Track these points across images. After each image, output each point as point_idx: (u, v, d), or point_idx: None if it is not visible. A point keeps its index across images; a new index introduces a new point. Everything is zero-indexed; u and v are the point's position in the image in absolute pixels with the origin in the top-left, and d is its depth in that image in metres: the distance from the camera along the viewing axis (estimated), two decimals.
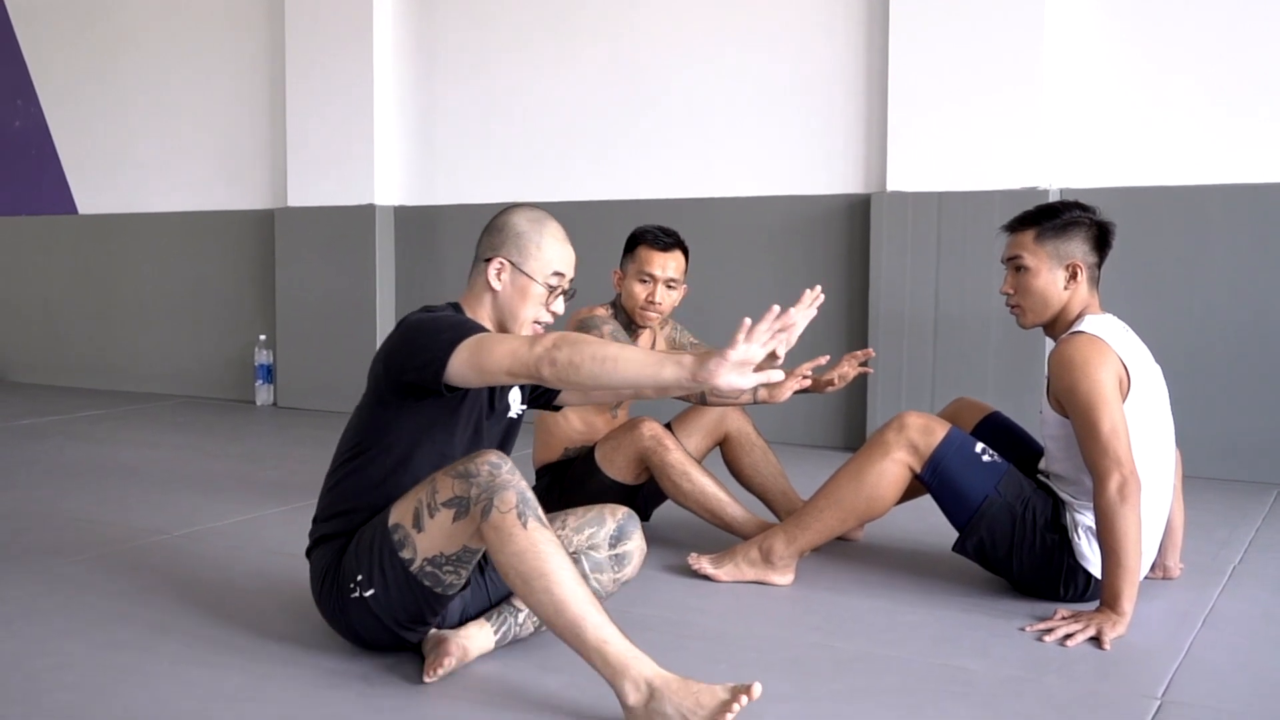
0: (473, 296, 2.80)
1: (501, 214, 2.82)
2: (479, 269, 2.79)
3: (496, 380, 2.48)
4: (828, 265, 5.68)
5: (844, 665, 2.74)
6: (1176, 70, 4.98)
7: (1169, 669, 2.71)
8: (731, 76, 5.90)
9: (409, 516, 2.55)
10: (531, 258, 2.75)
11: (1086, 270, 3.17)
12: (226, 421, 6.66)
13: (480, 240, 2.81)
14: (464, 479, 2.47)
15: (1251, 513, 4.29)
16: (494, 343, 2.46)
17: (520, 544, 2.39)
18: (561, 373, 2.34)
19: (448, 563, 2.53)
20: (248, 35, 7.33)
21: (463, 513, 2.46)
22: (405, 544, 2.54)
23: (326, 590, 2.70)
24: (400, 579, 2.56)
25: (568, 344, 2.36)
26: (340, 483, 2.74)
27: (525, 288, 2.75)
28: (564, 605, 2.36)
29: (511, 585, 2.42)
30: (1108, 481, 2.93)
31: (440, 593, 2.57)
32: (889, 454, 3.25)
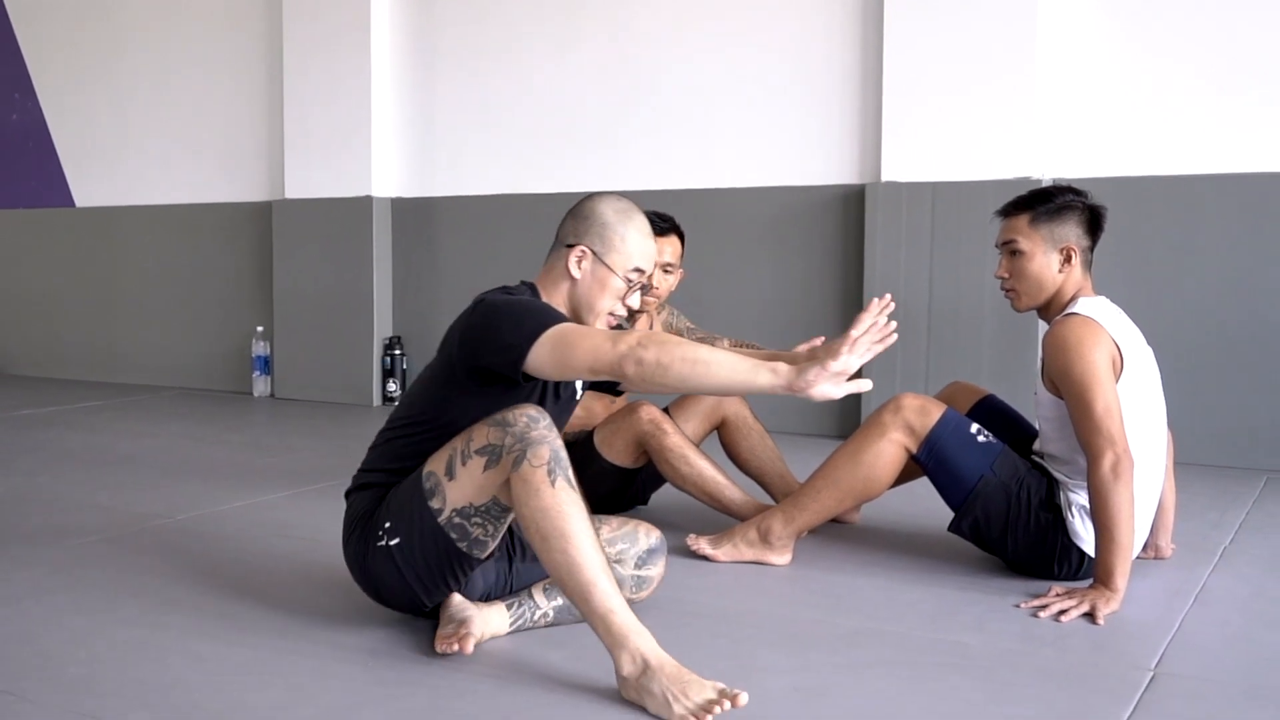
0: (549, 280, 2.78)
1: (589, 200, 2.79)
2: (559, 253, 2.77)
3: (576, 376, 2.50)
4: (823, 255, 5.73)
5: (843, 639, 2.79)
6: (1168, 60, 5.03)
7: (1162, 642, 2.76)
8: (728, 68, 5.94)
9: (442, 465, 2.56)
10: (615, 250, 2.73)
11: (1080, 254, 3.22)
12: (225, 412, 6.70)
13: (563, 224, 2.79)
14: (500, 427, 2.47)
15: (1242, 497, 4.35)
16: (577, 338, 2.46)
17: (546, 501, 2.40)
18: (648, 373, 2.35)
19: (476, 514, 2.54)
20: (245, 28, 7.36)
21: (494, 461, 2.46)
22: (436, 492, 2.55)
23: (355, 536, 2.71)
24: (428, 530, 2.57)
25: (655, 344, 2.36)
26: (391, 441, 2.75)
27: (605, 279, 2.73)
28: (578, 568, 2.38)
29: (529, 539, 2.44)
30: (1101, 460, 2.98)
31: (465, 550, 2.58)
32: (885, 434, 3.30)
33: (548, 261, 2.80)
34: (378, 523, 2.64)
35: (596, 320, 2.76)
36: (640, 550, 2.92)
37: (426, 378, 2.76)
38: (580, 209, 2.78)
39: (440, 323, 6.64)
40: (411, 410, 2.74)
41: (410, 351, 6.88)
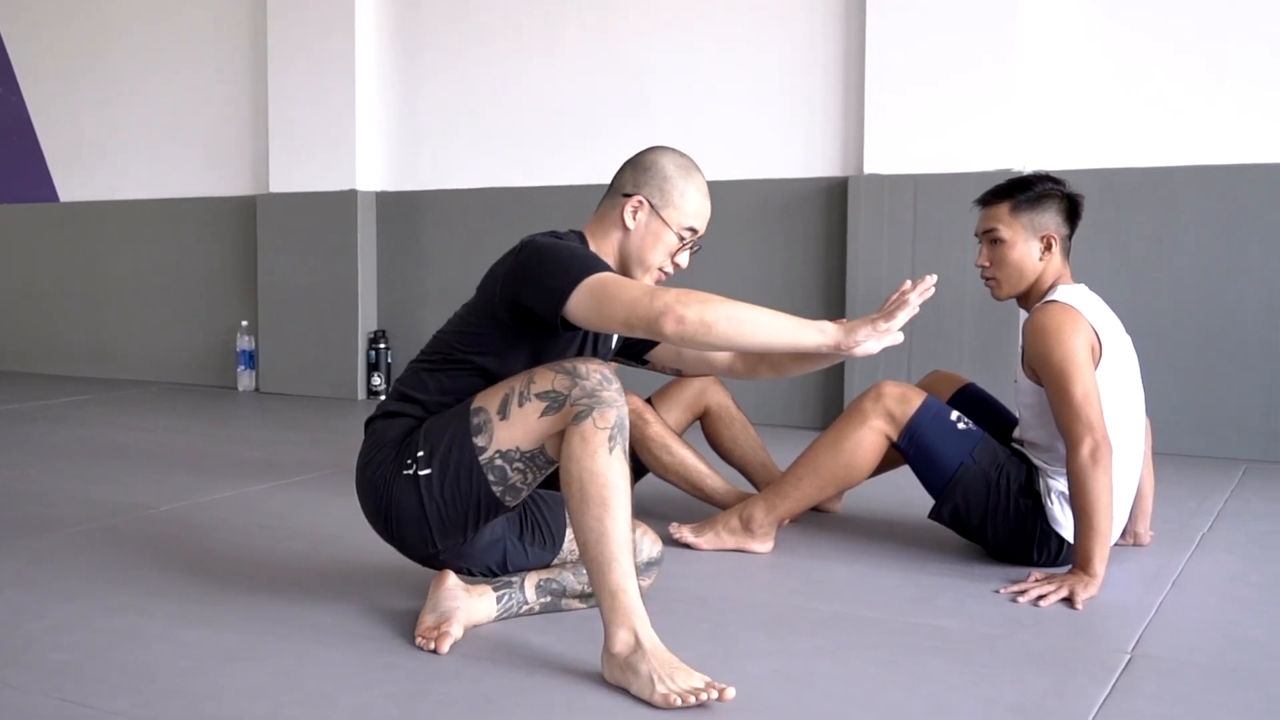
0: (600, 229, 2.73)
1: (649, 152, 2.75)
2: (614, 202, 2.72)
3: (610, 328, 2.42)
4: (806, 247, 5.75)
5: (823, 624, 2.81)
6: (1147, 53, 5.06)
7: (1139, 625, 2.78)
8: (711, 61, 5.95)
9: (495, 402, 2.48)
10: (672, 205, 2.70)
11: (1060, 241, 3.25)
12: (210, 406, 6.70)
13: (621, 173, 2.75)
14: (569, 376, 2.40)
15: (1220, 486, 4.38)
16: (617, 288, 2.39)
17: (599, 465, 2.34)
18: (689, 331, 2.30)
19: (520, 460, 2.48)
20: (230, 23, 7.35)
21: (555, 408, 2.40)
22: (483, 430, 2.48)
23: (378, 461, 2.61)
24: (465, 466, 2.50)
25: (697, 301, 2.31)
26: (423, 374, 2.67)
27: (659, 233, 2.70)
28: (608, 540, 2.35)
29: (567, 495, 2.39)
30: (1080, 446, 3.00)
31: (497, 495, 2.52)
32: (866, 422, 3.32)
33: (600, 210, 2.76)
34: (409, 450, 2.56)
35: (645, 275, 2.72)
36: (641, 560, 2.84)
37: (462, 315, 2.69)
38: (641, 160, 2.74)
39: (425, 317, 6.69)
40: (445, 346, 2.67)
41: (395, 345, 6.89)
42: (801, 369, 2.93)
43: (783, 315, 2.38)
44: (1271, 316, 4.84)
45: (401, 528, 2.63)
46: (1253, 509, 4.02)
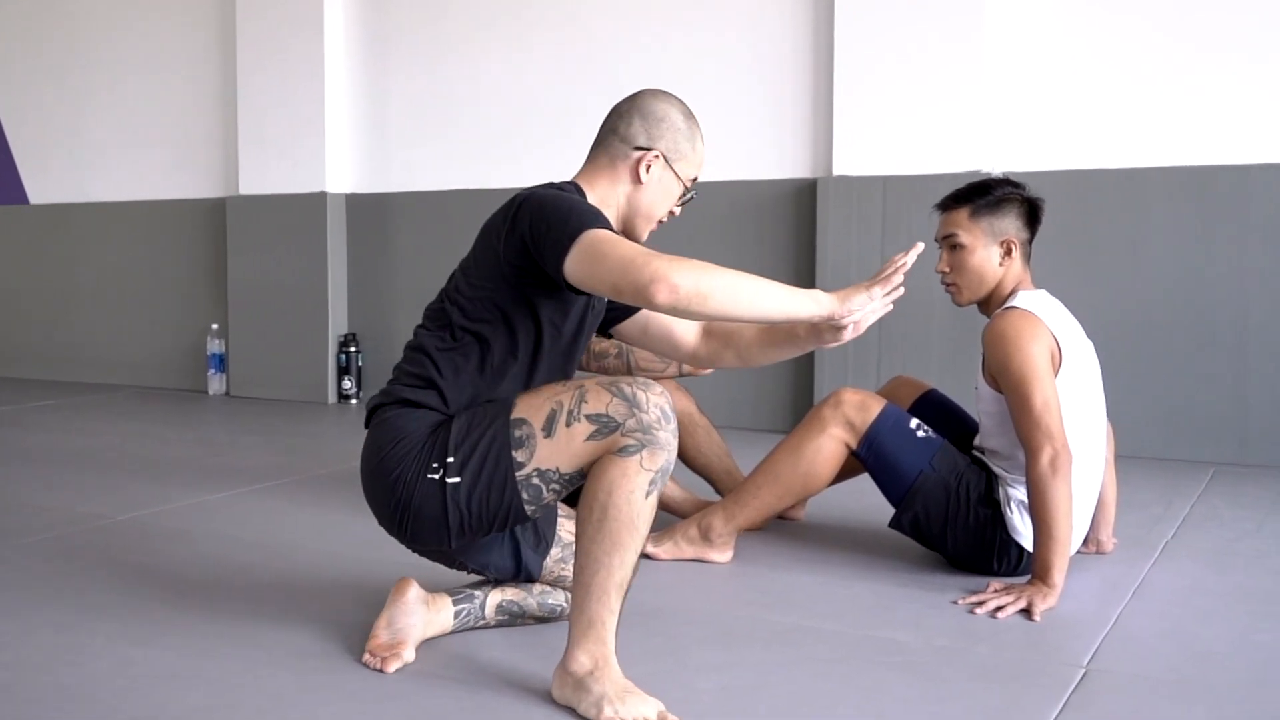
0: (604, 180, 2.59)
1: (653, 99, 2.61)
2: (621, 155, 2.57)
3: (598, 291, 2.27)
4: (776, 249, 5.72)
5: (778, 637, 2.77)
6: (1116, 55, 5.04)
7: (1096, 638, 2.75)
8: (682, 64, 5.91)
9: (541, 417, 2.32)
10: (685, 158, 2.60)
11: (1020, 246, 3.22)
12: (179, 410, 6.64)
13: (628, 123, 2.58)
14: (626, 402, 2.26)
15: (1187, 490, 4.35)
16: (610, 247, 2.24)
17: (632, 507, 2.24)
18: (683, 301, 2.16)
19: (557, 480, 2.34)
20: (200, 24, 7.29)
21: (603, 433, 2.26)
22: (525, 444, 2.32)
23: (396, 456, 2.41)
24: (499, 481, 2.34)
25: (692, 269, 2.18)
26: (435, 354, 2.48)
27: (670, 187, 2.60)
28: (610, 574, 2.27)
29: (584, 515, 2.28)
30: (1039, 455, 2.97)
31: (529, 513, 2.39)
32: (825, 430, 3.29)
33: (596, 160, 2.60)
34: (437, 452, 2.38)
35: (647, 230, 2.63)
36: None
37: (463, 278, 2.51)
38: (649, 108, 2.59)
39: (396, 320, 6.65)
40: (450, 315, 2.49)
41: (366, 348, 6.85)
42: (768, 358, 2.79)
43: (776, 284, 2.28)
44: (1242, 318, 4.81)
45: (417, 528, 2.45)
46: (1219, 514, 3.99)
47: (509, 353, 2.47)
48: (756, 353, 2.80)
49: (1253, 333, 4.80)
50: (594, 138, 2.66)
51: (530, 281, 2.41)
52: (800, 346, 2.70)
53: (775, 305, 2.28)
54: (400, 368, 2.55)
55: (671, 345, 2.87)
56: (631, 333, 2.85)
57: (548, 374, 2.53)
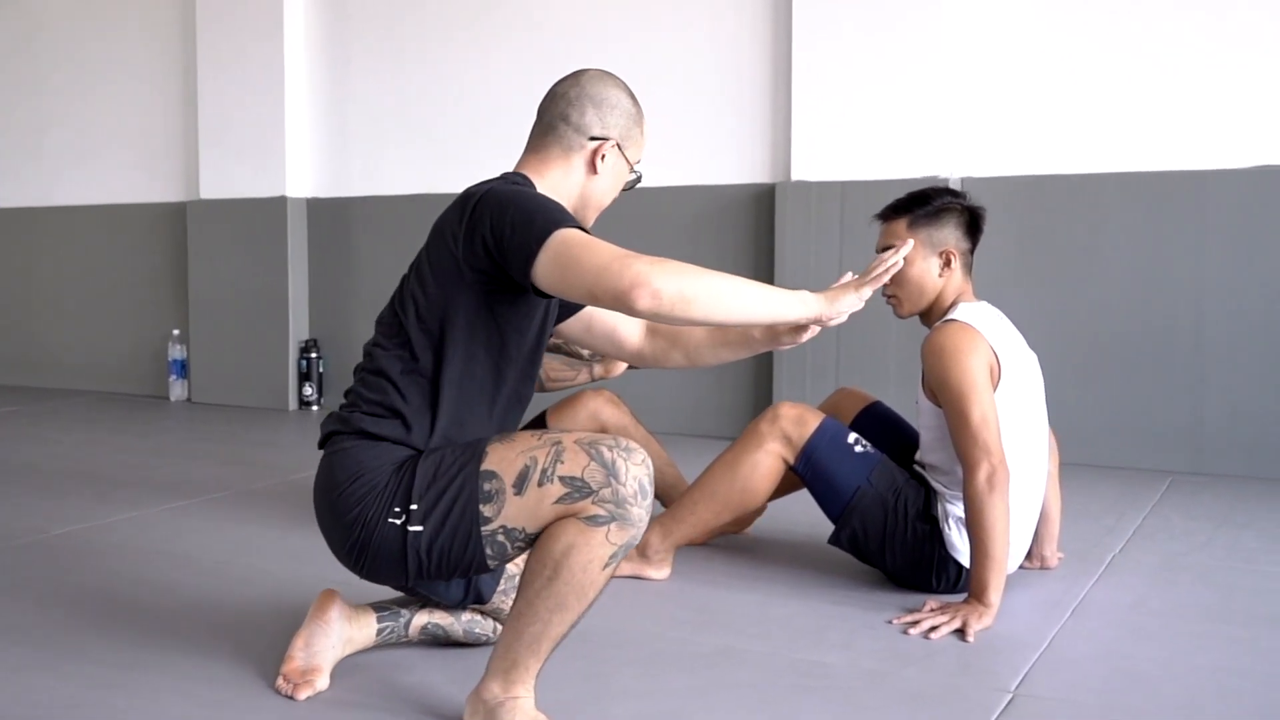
0: (554, 171, 2.44)
1: (600, 84, 2.47)
2: (577, 145, 2.43)
3: (571, 297, 2.13)
4: (736, 254, 5.66)
5: (703, 660, 2.71)
6: (1073, 61, 4.99)
7: (1028, 660, 2.69)
8: (642, 69, 5.84)
9: (513, 472, 2.17)
10: (634, 144, 2.49)
11: (960, 257, 3.16)
12: (138, 417, 6.57)
13: (583, 111, 2.43)
14: (605, 469, 2.12)
15: (1142, 500, 4.30)
16: (583, 250, 2.09)
17: (586, 576, 2.13)
18: (666, 307, 2.03)
19: (523, 540, 2.19)
20: (160, 27, 7.21)
21: (574, 498, 2.12)
22: (494, 500, 2.18)
23: (356, 494, 2.27)
24: (464, 534, 2.20)
25: (673, 272, 2.04)
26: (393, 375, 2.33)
27: (621, 175, 2.48)
28: (545, 629, 2.18)
29: (534, 568, 2.15)
30: (976, 471, 2.91)
31: (490, 567, 2.26)
32: (762, 445, 3.22)
33: (548, 151, 2.45)
34: (399, 496, 2.24)
35: (595, 217, 2.50)
36: None
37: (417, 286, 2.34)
38: (599, 94, 2.45)
39: (357, 326, 6.58)
40: (407, 331, 2.33)
41: (327, 354, 6.78)
42: (718, 358, 2.68)
43: (760, 285, 2.17)
44: (1199, 325, 4.76)
45: (373, 568, 2.32)
46: (1170, 526, 3.94)
47: (473, 363, 2.33)
48: (706, 353, 2.69)
49: (1210, 340, 4.75)
50: (536, 122, 2.51)
51: (493, 286, 2.27)
52: (753, 348, 2.60)
53: (762, 308, 2.18)
54: (357, 391, 2.38)
55: (615, 343, 2.74)
56: (575, 330, 2.73)
57: (515, 382, 2.42)
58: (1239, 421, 4.72)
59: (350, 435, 2.35)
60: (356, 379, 2.42)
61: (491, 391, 2.38)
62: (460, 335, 2.31)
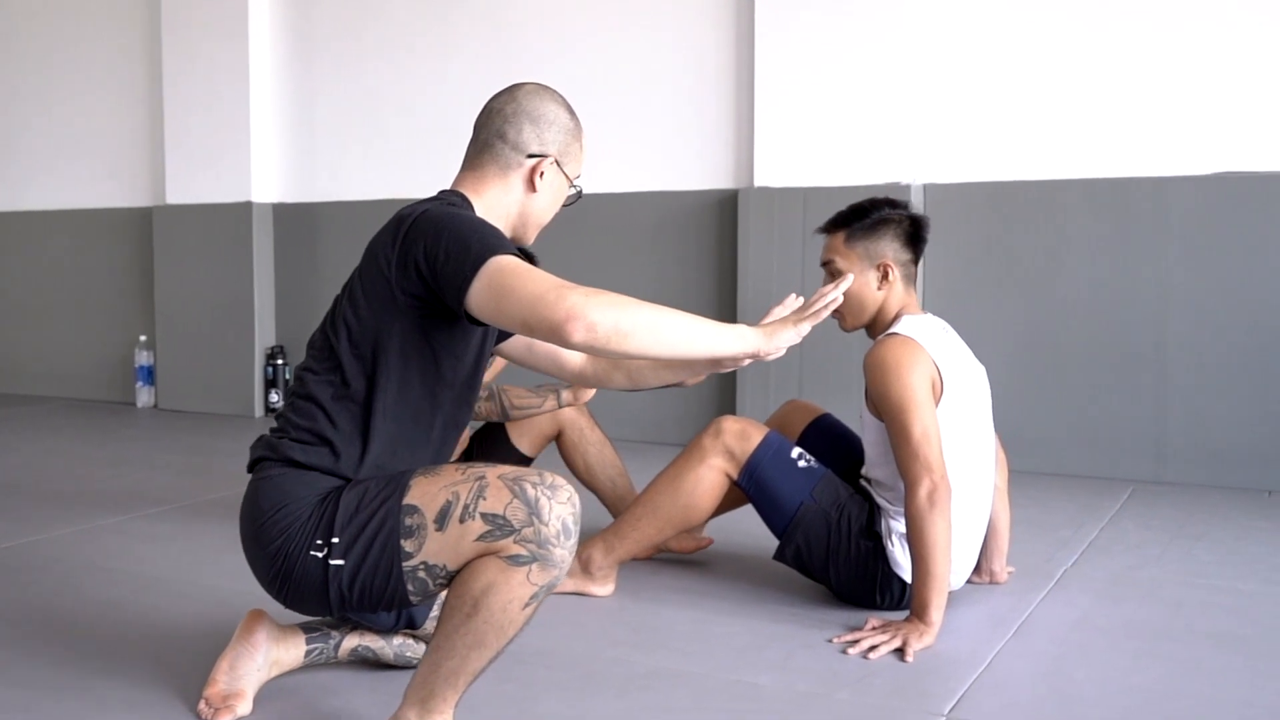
0: (492, 189, 2.38)
1: (536, 99, 2.40)
2: (515, 163, 2.37)
3: (505, 326, 2.07)
4: (699, 260, 5.62)
5: (635, 681, 2.66)
6: (1035, 68, 4.95)
7: (966, 681, 2.65)
8: (606, 74, 5.81)
9: (435, 507, 2.11)
10: (574, 157, 2.43)
11: (900, 269, 3.10)
12: (102, 425, 6.51)
13: (519, 129, 2.37)
14: (527, 508, 2.06)
15: (1101, 510, 4.26)
16: (518, 280, 2.02)
17: (506, 616, 2.08)
18: (601, 340, 1.98)
19: (444, 577, 2.14)
20: (125, 32, 7.16)
21: (495, 536, 2.06)
22: (415, 534, 2.12)
23: (279, 524, 2.22)
24: (385, 569, 2.15)
25: (609, 305, 1.99)
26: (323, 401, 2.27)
27: (560, 191, 2.42)
28: (463, 664, 2.13)
29: (452, 606, 2.11)
30: (918, 487, 2.87)
31: (413, 602, 2.21)
32: (705, 460, 3.18)
33: (484, 170, 2.39)
34: (321, 528, 2.18)
35: (536, 234, 2.45)
36: None
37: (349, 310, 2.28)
38: (536, 110, 2.38)
39: None
40: (338, 356, 2.27)
41: (293, 361, 6.72)
42: (660, 380, 2.64)
43: (701, 320, 2.11)
44: (1161, 332, 4.73)
45: (296, 599, 2.28)
46: (1127, 538, 3.90)
47: (407, 389, 2.27)
48: (649, 375, 2.65)
49: (1172, 347, 4.71)
50: (473, 139, 2.45)
51: (428, 311, 2.21)
52: (695, 371, 2.57)
53: (699, 344, 2.11)
54: (286, 417, 2.33)
55: (557, 364, 2.71)
56: (517, 350, 2.69)
57: (451, 408, 2.37)
58: (1201, 429, 4.69)
59: (277, 463, 2.30)
60: (286, 403, 2.37)
61: (427, 418, 2.34)
62: (394, 361, 2.25)
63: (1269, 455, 4.59)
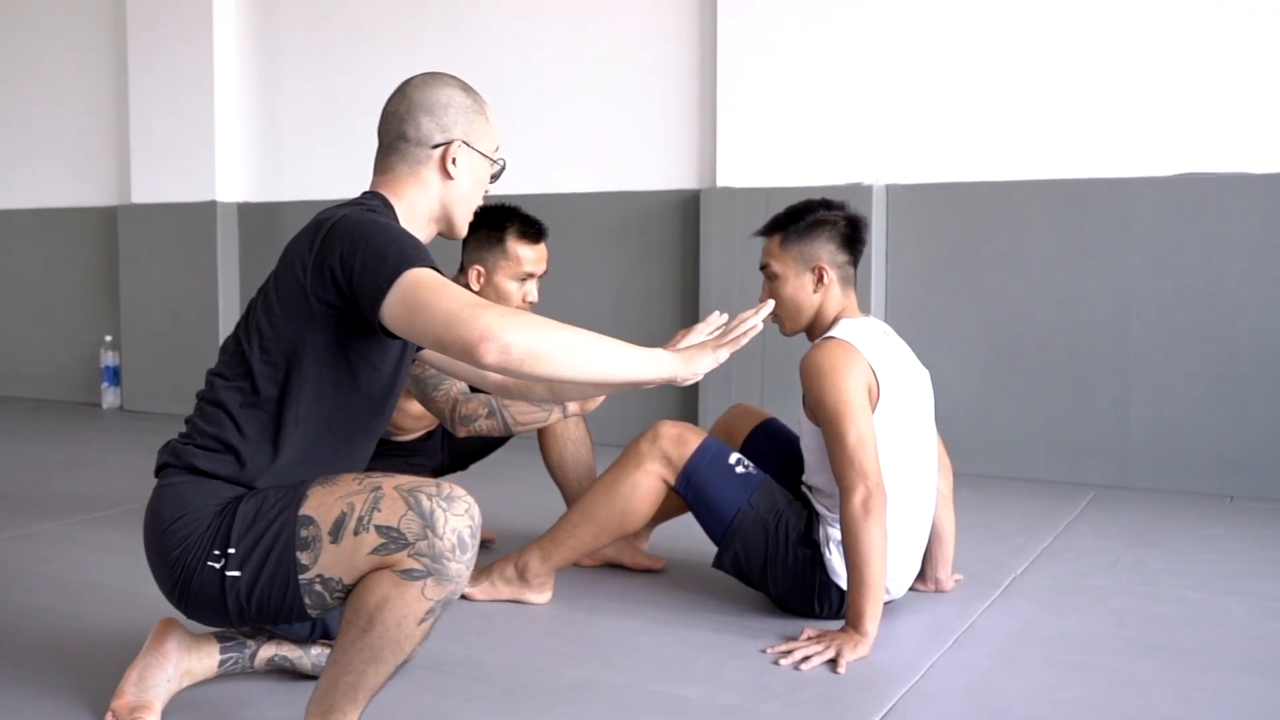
0: (409, 189, 2.33)
1: (425, 89, 2.35)
2: (422, 158, 2.32)
3: (417, 341, 2.02)
4: (662, 260, 5.56)
5: (558, 695, 2.60)
6: (997, 68, 4.90)
7: (895, 695, 2.58)
8: (569, 74, 5.76)
9: (330, 519, 2.06)
10: (483, 133, 2.36)
11: (836, 271, 3.04)
12: (64, 426, 6.45)
13: (416, 123, 2.32)
14: (421, 520, 2.00)
15: (1059, 516, 4.20)
16: (434, 296, 1.97)
17: (401, 631, 2.02)
18: (514, 362, 1.92)
19: (341, 591, 2.08)
20: (90, 31, 7.10)
21: (389, 549, 2.00)
22: (310, 547, 2.06)
23: (178, 534, 2.17)
24: (281, 582, 2.10)
25: (525, 326, 1.93)
26: (231, 409, 2.20)
27: (480, 170, 2.36)
28: (360, 679, 2.07)
29: (350, 618, 2.05)
30: (852, 494, 2.80)
31: (312, 615, 2.16)
32: (641, 465, 3.11)
33: (395, 170, 2.33)
34: (219, 539, 2.13)
35: (468, 216, 2.39)
36: None
37: (263, 317, 2.21)
38: (427, 99, 2.34)
39: None
40: (250, 364, 2.20)
41: None
42: (582, 392, 2.60)
43: (617, 344, 2.05)
44: (1122, 335, 4.67)
45: (197, 611, 2.22)
46: (1082, 544, 3.83)
47: (321, 400, 2.21)
48: (570, 387, 2.59)
49: (1133, 349, 4.66)
50: (379, 145, 2.40)
51: (343, 320, 2.15)
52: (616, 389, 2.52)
53: (615, 369, 2.04)
54: (194, 422, 2.26)
55: (479, 376, 2.66)
56: (440, 360, 2.62)
57: (368, 417, 2.31)
58: (1163, 433, 4.63)
59: (180, 470, 2.24)
60: (195, 408, 2.31)
61: (342, 428, 2.27)
62: (308, 370, 2.19)
63: (1232, 460, 4.54)
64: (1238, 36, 4.53)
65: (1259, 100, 4.51)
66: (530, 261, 3.50)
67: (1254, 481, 4.50)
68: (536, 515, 4.01)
